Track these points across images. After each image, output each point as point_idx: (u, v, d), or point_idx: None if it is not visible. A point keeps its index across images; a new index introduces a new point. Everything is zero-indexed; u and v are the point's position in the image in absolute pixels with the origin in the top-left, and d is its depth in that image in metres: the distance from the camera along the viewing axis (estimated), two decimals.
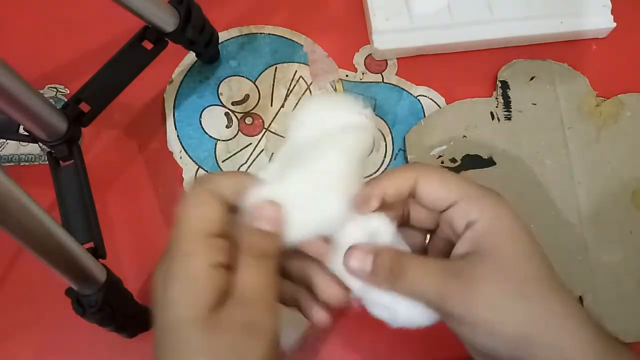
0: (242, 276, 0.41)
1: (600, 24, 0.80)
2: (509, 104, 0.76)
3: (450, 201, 0.45)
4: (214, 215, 0.42)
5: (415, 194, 0.47)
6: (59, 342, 0.68)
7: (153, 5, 0.63)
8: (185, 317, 0.39)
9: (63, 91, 0.76)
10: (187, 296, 0.40)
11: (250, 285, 0.41)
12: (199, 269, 0.40)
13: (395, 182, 0.47)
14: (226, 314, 0.40)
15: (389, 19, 0.78)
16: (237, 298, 0.40)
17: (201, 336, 0.39)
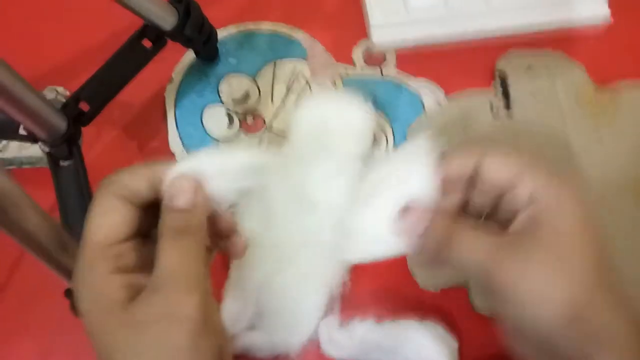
0: (160, 262, 0.40)
1: (597, 12, 0.80)
2: (508, 94, 0.76)
3: (515, 180, 0.44)
4: (116, 221, 0.41)
5: (478, 175, 0.46)
6: (61, 344, 0.68)
7: (152, 3, 0.64)
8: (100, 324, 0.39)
9: (63, 93, 0.75)
10: (94, 304, 0.39)
11: (168, 268, 0.40)
12: (99, 277, 0.40)
13: (458, 164, 0.46)
14: (140, 307, 0.39)
15: (386, 12, 0.78)
16: (152, 287, 0.39)
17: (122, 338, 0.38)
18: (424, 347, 0.62)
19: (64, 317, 0.60)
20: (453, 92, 0.77)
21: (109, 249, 0.40)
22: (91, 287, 0.40)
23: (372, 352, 0.64)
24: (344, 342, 0.64)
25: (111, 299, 0.39)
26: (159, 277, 0.39)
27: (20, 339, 0.69)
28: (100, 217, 0.41)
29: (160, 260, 0.40)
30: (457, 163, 0.46)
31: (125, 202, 0.41)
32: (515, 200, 0.44)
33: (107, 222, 0.41)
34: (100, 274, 0.40)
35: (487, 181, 0.45)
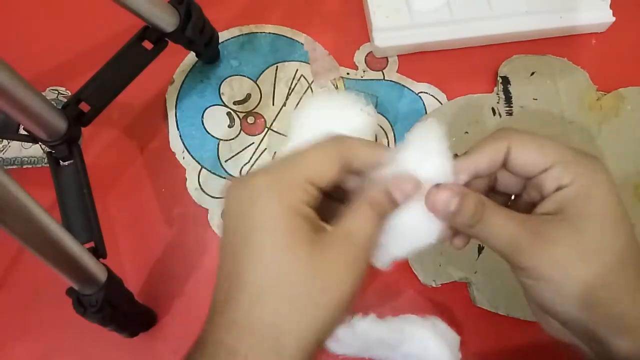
0: (357, 221, 0.42)
1: (600, 18, 0.80)
2: (510, 100, 0.76)
3: (545, 166, 0.45)
4: (327, 172, 0.43)
5: (508, 162, 0.46)
6: (62, 343, 0.68)
7: (153, 5, 0.64)
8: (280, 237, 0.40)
9: (64, 93, 0.76)
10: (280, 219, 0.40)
11: (363, 231, 0.42)
12: (296, 199, 0.41)
13: (487, 156, 0.46)
14: (335, 241, 0.41)
15: (389, 16, 0.78)
16: (347, 235, 0.42)
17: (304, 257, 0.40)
18: (426, 343, 0.63)
19: (64, 317, 0.60)
20: (455, 96, 0.77)
21: (309, 185, 0.42)
22: (286, 202, 0.41)
23: (374, 348, 0.65)
24: (346, 339, 0.64)
25: (303, 223, 0.41)
26: (353, 233, 0.42)
27: (20, 339, 0.69)
28: (318, 157, 0.43)
29: (357, 220, 0.42)
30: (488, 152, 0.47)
31: (341, 162, 0.44)
32: (544, 184, 0.45)
33: (321, 166, 0.43)
34: (299, 197, 0.41)
35: (517, 166, 0.46)
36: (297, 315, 0.39)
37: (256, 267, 0.40)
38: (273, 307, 0.39)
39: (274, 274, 0.40)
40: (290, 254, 0.40)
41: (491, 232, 0.45)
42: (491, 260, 0.69)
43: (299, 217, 0.41)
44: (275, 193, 0.41)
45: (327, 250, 0.41)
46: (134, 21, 0.64)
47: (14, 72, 0.53)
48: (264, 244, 0.40)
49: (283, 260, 0.40)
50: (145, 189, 0.73)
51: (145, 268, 0.70)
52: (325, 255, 0.40)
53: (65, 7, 0.81)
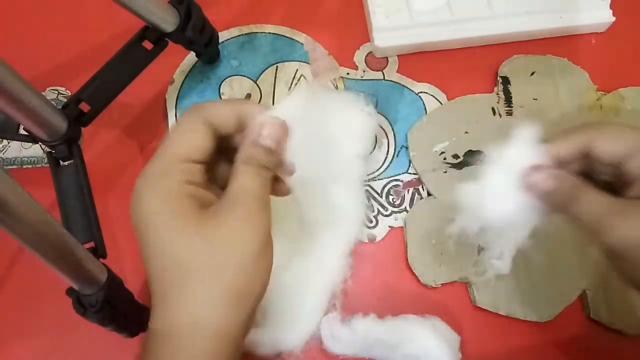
0: (238, 181, 0.43)
1: (599, 18, 0.80)
2: (510, 100, 0.76)
3: (626, 153, 0.48)
4: (197, 143, 0.45)
5: (592, 152, 0.49)
6: (62, 343, 0.68)
7: (153, 5, 0.64)
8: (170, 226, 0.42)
9: (64, 93, 0.76)
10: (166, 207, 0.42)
11: (246, 189, 0.43)
12: (174, 184, 0.43)
13: (565, 148, 0.49)
14: (215, 215, 0.42)
15: (389, 16, 0.78)
16: (229, 201, 0.43)
17: (196, 240, 0.41)
18: (426, 343, 0.63)
19: (64, 317, 0.60)
20: (455, 96, 0.77)
21: (184, 164, 0.44)
22: (164, 192, 0.42)
23: (374, 348, 0.65)
24: (346, 339, 0.65)
25: (185, 204, 0.42)
26: (236, 194, 0.43)
27: (20, 339, 0.69)
28: (184, 134, 0.45)
29: (238, 181, 0.44)
30: (566, 146, 0.50)
31: (209, 128, 0.45)
32: (629, 169, 0.48)
33: (189, 140, 0.44)
34: (175, 181, 0.43)
35: (601, 156, 0.49)
36: (203, 290, 0.41)
37: (155, 259, 0.42)
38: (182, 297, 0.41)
39: (171, 262, 0.41)
40: (180, 236, 0.41)
41: (583, 209, 0.47)
42: None
43: (180, 199, 0.42)
44: (152, 186, 0.43)
45: (217, 218, 0.42)
46: (134, 21, 0.64)
47: (14, 72, 0.53)
48: (155, 236, 0.42)
49: (175, 244, 0.41)
50: None
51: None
52: (217, 222, 0.41)
53: (65, 7, 0.81)
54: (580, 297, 0.70)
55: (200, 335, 0.40)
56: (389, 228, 0.72)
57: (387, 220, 0.72)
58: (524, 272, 0.69)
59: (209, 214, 0.42)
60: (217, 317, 0.41)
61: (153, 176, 0.43)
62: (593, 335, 0.69)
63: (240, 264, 0.41)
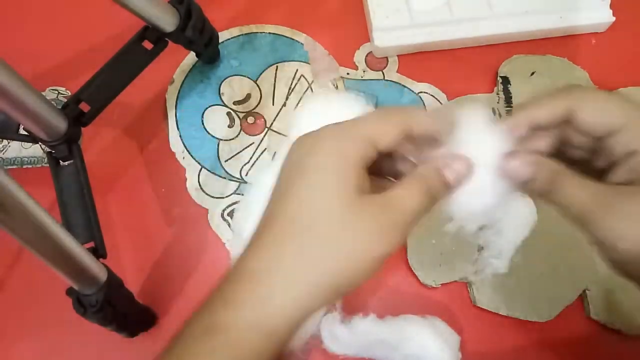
0: (403, 191, 0.42)
1: (599, 18, 0.80)
2: (510, 100, 0.76)
3: (611, 128, 0.44)
4: (388, 138, 0.43)
5: (572, 120, 0.45)
6: (62, 343, 0.68)
7: (153, 5, 0.64)
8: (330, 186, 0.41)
9: (64, 93, 0.76)
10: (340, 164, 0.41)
11: (403, 198, 0.42)
12: (354, 156, 0.41)
13: (546, 110, 0.45)
14: (376, 203, 0.41)
15: (388, 16, 0.78)
16: (387, 200, 0.42)
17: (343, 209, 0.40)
18: (426, 342, 0.63)
19: (64, 317, 0.60)
20: (455, 96, 0.77)
21: (369, 146, 0.42)
22: (343, 156, 0.41)
23: (374, 348, 0.65)
24: (346, 339, 0.64)
25: (352, 178, 0.41)
26: (393, 202, 0.42)
27: (20, 339, 0.69)
28: (381, 122, 0.43)
29: (403, 191, 0.42)
30: (548, 106, 0.45)
31: (403, 129, 0.44)
32: (613, 148, 0.44)
33: (382, 128, 0.43)
34: (358, 155, 0.41)
35: (584, 126, 0.45)
36: (318, 256, 0.40)
37: (299, 200, 0.41)
38: (299, 241, 0.40)
39: (312, 211, 0.40)
40: (333, 198, 0.40)
41: (563, 200, 0.44)
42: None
43: (353, 169, 0.41)
44: (337, 141, 0.42)
45: (369, 207, 0.41)
46: (134, 21, 0.64)
47: (14, 72, 0.53)
48: (313, 182, 0.41)
49: (325, 201, 0.40)
50: (145, 189, 0.73)
51: (145, 268, 0.70)
52: (366, 211, 0.40)
53: (66, 7, 0.81)
54: (580, 297, 0.70)
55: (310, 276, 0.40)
56: None
57: None
58: (524, 272, 0.69)
59: (363, 200, 0.41)
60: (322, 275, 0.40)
61: (342, 136, 0.42)
62: (593, 335, 0.69)
63: (361, 263, 0.40)
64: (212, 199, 0.73)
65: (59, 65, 0.78)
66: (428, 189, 0.43)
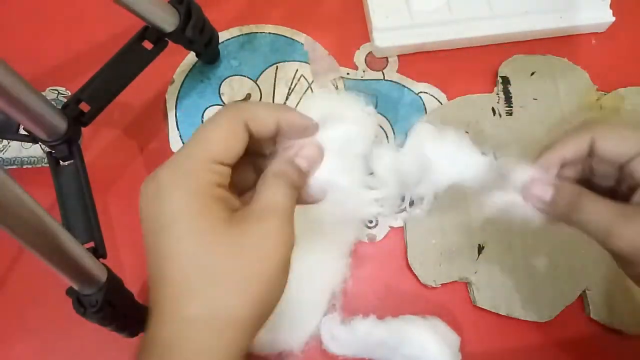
0: (270, 193, 0.43)
1: (599, 18, 0.80)
2: (510, 100, 0.76)
3: (630, 154, 0.47)
4: (234, 145, 0.43)
5: (594, 153, 0.49)
6: (62, 343, 0.68)
7: (153, 5, 0.64)
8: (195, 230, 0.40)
9: (64, 93, 0.76)
10: (192, 208, 0.40)
11: (278, 202, 0.42)
12: (204, 186, 0.41)
13: (572, 147, 0.49)
14: (243, 227, 0.41)
15: (388, 16, 0.78)
16: (263, 209, 0.42)
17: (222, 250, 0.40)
18: (426, 343, 0.63)
19: (64, 317, 0.60)
20: (455, 96, 0.77)
21: (217, 165, 0.42)
22: (193, 192, 0.41)
23: (374, 349, 0.65)
24: (346, 339, 0.65)
25: (214, 207, 0.41)
26: (267, 206, 0.42)
27: (20, 338, 0.69)
28: (219, 134, 0.43)
29: (270, 193, 0.43)
30: (573, 143, 0.49)
31: (246, 131, 0.44)
32: (634, 172, 0.47)
33: (225, 142, 0.43)
34: (206, 182, 0.41)
35: (604, 155, 0.48)
36: (228, 296, 0.39)
37: (174, 260, 0.40)
38: (201, 294, 0.39)
39: (193, 263, 0.39)
40: (206, 237, 0.40)
41: (584, 218, 0.47)
42: (491, 260, 0.69)
43: (209, 200, 0.40)
44: (180, 183, 0.41)
45: (244, 227, 0.40)
46: (134, 21, 0.64)
47: (14, 72, 0.53)
48: (178, 236, 0.40)
49: (200, 245, 0.39)
50: None
51: (145, 268, 0.70)
52: (244, 231, 0.40)
53: (65, 7, 0.81)
54: (580, 297, 0.70)
55: (217, 322, 0.39)
56: (389, 228, 0.72)
57: (387, 220, 0.72)
58: (524, 272, 0.69)
59: (237, 220, 0.41)
60: (234, 307, 0.39)
61: (182, 173, 0.42)
62: (593, 335, 0.69)
63: (266, 274, 0.40)
64: None
65: (59, 65, 0.78)
66: (288, 183, 0.44)
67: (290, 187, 0.44)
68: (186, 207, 0.40)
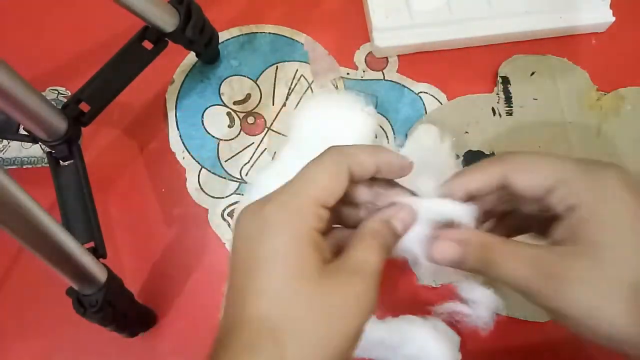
0: (362, 253, 0.42)
1: (599, 18, 0.80)
2: (510, 100, 0.76)
3: (546, 187, 0.43)
4: (338, 189, 0.42)
5: (508, 186, 0.45)
6: (62, 343, 0.68)
7: (153, 5, 0.64)
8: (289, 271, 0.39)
9: (64, 93, 0.76)
10: (293, 249, 0.39)
11: (369, 263, 0.41)
12: (306, 229, 0.40)
13: (479, 179, 0.46)
14: (335, 279, 0.40)
15: (388, 16, 0.78)
16: (354, 267, 0.41)
17: (312, 289, 0.39)
18: (426, 343, 0.63)
19: (64, 317, 0.60)
20: (455, 96, 0.77)
21: (320, 208, 0.41)
22: (296, 234, 0.40)
23: (374, 349, 0.65)
24: None
25: (312, 255, 0.39)
26: (359, 265, 0.41)
27: (20, 338, 0.69)
28: (326, 176, 0.42)
29: (363, 252, 0.42)
30: (481, 175, 0.46)
31: (348, 176, 0.43)
32: (552, 206, 0.43)
33: (330, 185, 0.42)
34: (310, 226, 0.40)
35: (519, 189, 0.44)
36: (302, 350, 0.38)
37: (262, 299, 0.38)
38: (277, 341, 0.37)
39: (280, 307, 0.38)
40: (299, 286, 0.38)
41: (503, 276, 0.43)
42: None
43: (309, 248, 0.39)
44: (287, 224, 0.40)
45: (335, 283, 0.39)
46: (134, 21, 0.64)
47: (14, 72, 0.53)
48: (273, 276, 0.39)
49: (291, 293, 0.38)
50: (145, 189, 0.73)
51: (145, 268, 0.70)
52: (334, 288, 0.39)
53: (65, 7, 0.81)
54: None
55: None
56: None
57: None
58: None
59: (328, 273, 0.40)
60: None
61: (290, 213, 0.40)
62: None
63: (347, 334, 0.39)
64: (212, 199, 0.73)
65: (59, 65, 0.78)
66: (381, 243, 0.43)
67: (384, 249, 0.43)
68: (286, 251, 0.39)
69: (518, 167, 0.45)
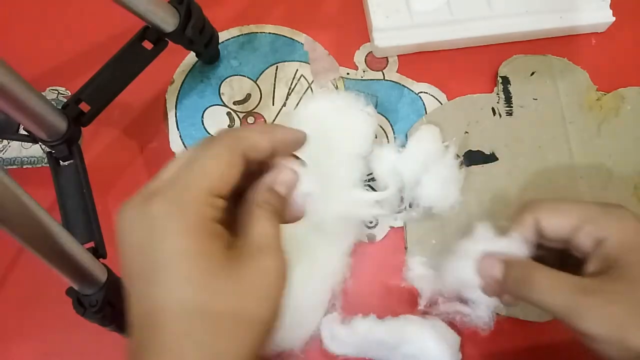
0: (259, 227, 0.41)
1: (599, 18, 0.80)
2: (510, 100, 0.76)
3: (574, 227, 0.48)
4: (232, 177, 0.41)
5: (541, 232, 0.50)
6: (62, 343, 0.68)
7: (153, 5, 0.63)
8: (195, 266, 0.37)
9: (64, 93, 0.76)
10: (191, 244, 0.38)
11: (268, 236, 0.41)
12: (201, 221, 0.38)
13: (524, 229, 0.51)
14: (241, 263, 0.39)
15: (388, 16, 0.78)
16: (256, 244, 0.40)
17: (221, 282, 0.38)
18: (426, 343, 0.63)
19: (64, 317, 0.60)
20: (455, 96, 0.77)
21: (215, 198, 0.40)
22: (192, 229, 0.38)
23: (374, 349, 0.65)
24: (346, 339, 0.65)
25: (214, 246, 0.38)
26: (259, 240, 0.41)
27: (20, 339, 0.69)
28: (218, 165, 0.40)
29: (259, 226, 0.41)
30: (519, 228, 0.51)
31: (243, 161, 0.42)
32: (582, 243, 0.48)
33: (220, 173, 0.40)
34: (204, 219, 0.39)
35: (550, 233, 0.49)
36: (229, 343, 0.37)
37: (172, 308, 0.37)
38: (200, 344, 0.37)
39: (194, 311, 0.37)
40: (207, 282, 0.37)
41: (541, 297, 0.46)
42: None
43: (208, 239, 0.38)
44: (177, 219, 0.38)
45: (242, 265, 0.39)
46: (134, 21, 0.64)
47: (14, 72, 0.53)
48: (177, 280, 0.37)
49: (201, 292, 0.37)
50: None
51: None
52: (242, 272, 0.39)
53: (65, 7, 0.81)
54: None
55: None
56: (389, 228, 0.72)
57: (387, 220, 0.72)
58: None
59: (234, 257, 0.39)
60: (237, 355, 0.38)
61: (179, 207, 0.38)
62: None
63: (267, 313, 0.39)
64: None
65: (59, 65, 0.78)
66: (272, 211, 0.42)
67: (275, 215, 0.42)
68: (185, 247, 0.37)
69: (545, 213, 0.50)
